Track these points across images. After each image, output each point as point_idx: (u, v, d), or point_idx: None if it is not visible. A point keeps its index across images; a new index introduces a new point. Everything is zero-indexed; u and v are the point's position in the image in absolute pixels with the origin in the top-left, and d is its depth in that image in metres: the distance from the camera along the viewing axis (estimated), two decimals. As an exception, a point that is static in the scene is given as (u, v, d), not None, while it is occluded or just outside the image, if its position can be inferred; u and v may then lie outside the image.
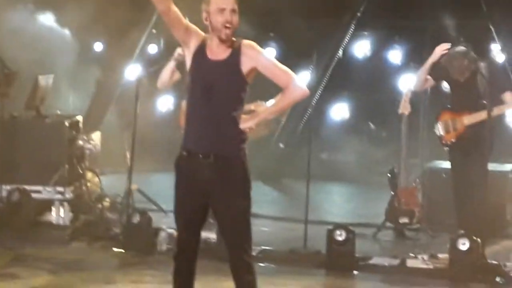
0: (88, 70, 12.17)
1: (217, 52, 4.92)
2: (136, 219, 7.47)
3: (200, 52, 4.94)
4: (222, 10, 4.88)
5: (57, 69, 10.38)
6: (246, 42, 4.95)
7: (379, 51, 12.48)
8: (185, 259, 5.03)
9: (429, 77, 7.90)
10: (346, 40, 12.45)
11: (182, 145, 5.03)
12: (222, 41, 4.90)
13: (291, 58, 12.21)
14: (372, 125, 12.58)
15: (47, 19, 11.65)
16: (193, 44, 4.97)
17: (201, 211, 5.00)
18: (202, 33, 5.01)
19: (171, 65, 7.67)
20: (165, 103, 12.17)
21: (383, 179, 8.73)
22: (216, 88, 4.85)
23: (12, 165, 8.38)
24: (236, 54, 4.88)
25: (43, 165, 8.47)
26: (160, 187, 9.86)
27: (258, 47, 4.95)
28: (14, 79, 8.26)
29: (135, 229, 7.48)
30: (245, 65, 4.87)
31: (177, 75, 7.71)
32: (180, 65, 7.48)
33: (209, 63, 4.91)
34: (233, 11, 4.90)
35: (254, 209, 4.99)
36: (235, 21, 4.91)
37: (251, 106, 5.28)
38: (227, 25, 4.85)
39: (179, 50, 7.35)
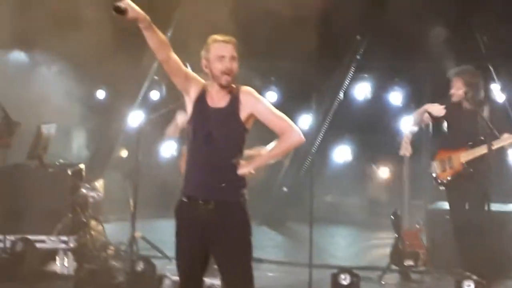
0: (91, 117, 12.22)
1: (217, 99, 4.96)
2: (140, 266, 7.45)
3: (200, 99, 4.99)
4: (221, 58, 4.93)
5: (59, 118, 10.42)
6: (244, 88, 5.00)
7: (380, 93, 12.51)
8: None
9: (426, 114, 7.94)
10: (346, 82, 12.50)
11: (182, 191, 5.06)
12: (222, 87, 4.94)
13: (292, 101, 12.30)
14: (374, 167, 12.57)
15: (49, 68, 11.73)
16: (193, 92, 5.02)
17: (203, 258, 5.00)
18: (202, 81, 5.06)
19: (173, 125, 7.79)
20: (168, 149, 12.19)
21: (387, 221, 8.70)
22: (216, 135, 4.90)
23: (15, 214, 8.37)
24: (235, 101, 4.93)
25: (47, 214, 8.47)
26: (164, 234, 9.83)
27: (256, 94, 5.00)
28: (16, 129, 8.29)
29: (140, 277, 7.45)
30: (244, 112, 4.92)
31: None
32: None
33: (209, 110, 4.95)
34: (232, 58, 4.96)
35: (259, 254, 5.02)
36: (235, 68, 4.96)
37: (251, 152, 5.31)
38: (227, 72, 4.90)
39: (180, 117, 7.51)
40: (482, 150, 7.53)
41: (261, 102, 4.98)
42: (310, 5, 11.22)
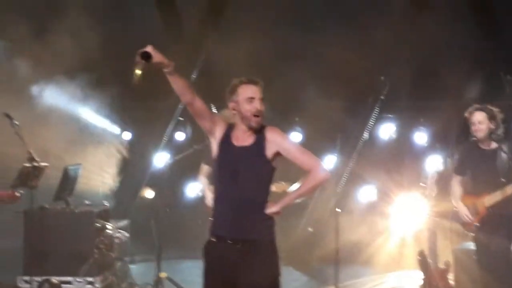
0: (117, 158, 12.30)
1: (243, 139, 5.01)
2: (165, 307, 7.44)
3: (226, 139, 5.03)
4: (251, 99, 4.99)
5: (86, 159, 10.51)
6: (269, 127, 5.03)
7: (405, 133, 12.49)
8: None
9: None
10: (371, 122, 12.50)
11: (210, 231, 5.06)
12: (251, 128, 4.97)
13: (317, 141, 12.30)
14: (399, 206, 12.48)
15: (75, 110, 11.84)
16: (218, 133, 5.06)
17: None
18: (227, 121, 5.10)
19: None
20: (193, 189, 12.22)
21: (414, 261, 8.62)
22: (243, 173, 4.92)
23: (42, 256, 8.42)
24: (260, 139, 4.97)
25: (73, 255, 8.50)
26: (189, 274, 9.81)
27: (281, 132, 5.03)
28: (42, 172, 8.36)
29: (165, 318, 7.43)
30: (270, 150, 4.95)
31: None
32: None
33: (235, 150, 4.99)
34: (261, 99, 4.99)
35: (285, 295, 4.98)
36: (263, 110, 5.02)
37: (272, 187, 5.33)
38: (257, 113, 4.93)
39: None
40: (504, 192, 7.47)
41: (287, 140, 5.02)
42: (334, 45, 11.31)
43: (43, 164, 8.29)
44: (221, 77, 5.62)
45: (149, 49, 4.75)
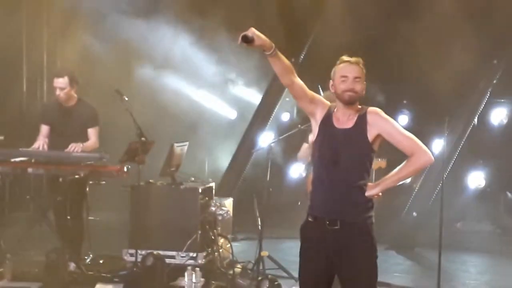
0: (224, 137, 12.45)
1: (343, 121, 4.96)
2: (266, 285, 7.48)
3: (327, 121, 5.00)
4: (345, 78, 4.94)
5: (193, 138, 10.66)
6: (371, 109, 4.97)
7: (517, 119, 12.18)
8: None
9: None
10: (481, 107, 12.22)
11: (308, 212, 5.06)
12: (347, 106, 4.94)
13: (424, 125, 12.11)
14: (510, 194, 12.20)
15: (190, 92, 12.05)
16: (319, 114, 5.04)
17: (326, 278, 4.98)
18: (328, 103, 5.08)
19: (304, 148, 7.88)
20: (296, 170, 12.25)
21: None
22: (343, 156, 4.89)
23: (146, 230, 8.58)
24: (362, 122, 4.91)
25: (177, 231, 8.63)
26: (290, 254, 9.84)
27: (383, 114, 4.96)
28: (150, 147, 8.51)
29: (265, 296, 7.48)
30: (371, 133, 4.89)
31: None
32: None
33: (336, 131, 4.95)
34: (355, 78, 4.95)
35: (386, 278, 4.96)
36: (359, 88, 4.97)
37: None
38: (349, 93, 4.91)
39: (311, 139, 7.58)
40: None
41: (389, 122, 4.94)
42: (446, 30, 11.09)
43: (150, 140, 8.43)
44: (329, 58, 5.55)
45: (250, 32, 4.76)
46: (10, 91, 11.04)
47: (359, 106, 5.01)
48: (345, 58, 5.04)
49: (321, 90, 7.26)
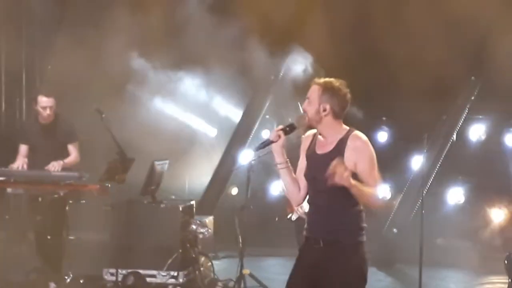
0: (204, 155, 12.43)
1: (324, 145, 4.96)
2: (247, 304, 7.46)
3: (310, 148, 5.07)
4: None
5: (172, 155, 10.64)
6: (354, 135, 4.93)
7: (494, 135, 12.25)
8: None
9: None
10: (459, 123, 12.30)
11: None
12: (320, 131, 5.01)
13: (404, 141, 12.17)
14: (488, 210, 12.25)
15: (165, 107, 12.02)
16: (303, 147, 5.09)
17: None
18: (310, 132, 5.11)
19: None
20: (277, 187, 12.25)
21: (500, 266, 8.44)
22: (319, 180, 4.85)
23: (127, 249, 8.54)
24: (341, 146, 4.88)
25: (158, 250, 8.61)
26: (271, 272, 9.84)
27: (364, 145, 4.90)
28: (130, 165, 8.49)
29: (247, 315, 7.45)
30: (349, 159, 4.83)
31: None
32: None
33: (316, 157, 4.98)
34: (307, 98, 4.98)
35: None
36: (306, 109, 4.97)
37: None
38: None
39: None
40: None
41: (365, 157, 4.86)
42: (424, 46, 11.17)
43: (131, 158, 8.41)
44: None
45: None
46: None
47: (345, 128, 4.98)
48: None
49: (300, 106, 7.27)
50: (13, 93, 11.64)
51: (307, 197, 5.16)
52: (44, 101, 8.61)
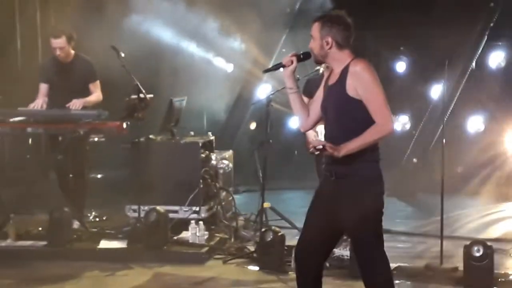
0: (222, 91, 12.39)
1: (333, 76, 5.03)
2: (269, 237, 7.51)
3: (326, 80, 5.12)
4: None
5: (191, 91, 10.61)
6: (355, 61, 4.92)
7: (514, 61, 12.13)
8: (309, 274, 5.08)
9: None
10: (479, 51, 12.17)
11: None
12: (327, 65, 5.18)
13: (422, 71, 12.06)
14: (507, 137, 12.17)
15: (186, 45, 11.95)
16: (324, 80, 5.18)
17: (328, 230, 5.00)
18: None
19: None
20: (296, 121, 12.22)
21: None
22: (330, 112, 4.97)
23: (148, 186, 8.58)
24: (343, 75, 4.89)
25: (178, 186, 8.65)
26: (292, 205, 9.90)
27: (363, 71, 4.85)
28: (149, 104, 8.47)
29: (269, 247, 7.51)
30: (350, 86, 4.85)
31: None
32: None
33: (326, 89, 5.06)
34: (311, 36, 5.01)
35: (389, 225, 4.95)
36: (311, 46, 5.02)
37: None
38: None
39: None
40: None
41: (365, 82, 4.81)
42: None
43: (149, 96, 8.39)
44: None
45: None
46: (4, 51, 10.96)
47: (349, 56, 4.95)
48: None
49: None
50: (29, 32, 11.58)
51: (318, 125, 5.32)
52: (54, 42, 8.62)
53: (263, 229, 7.88)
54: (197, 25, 11.59)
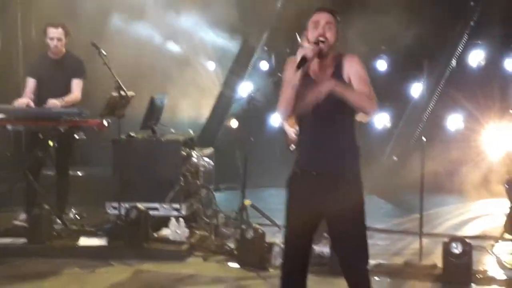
0: (203, 89, 12.40)
1: (320, 72, 4.86)
2: (250, 234, 7.53)
3: (304, 76, 4.77)
4: (316, 24, 4.82)
5: (172, 89, 10.62)
6: (349, 55, 4.85)
7: (494, 60, 12.20)
8: (295, 273, 5.08)
9: None
10: (459, 49, 12.25)
11: (296, 163, 5.02)
12: (320, 57, 4.78)
13: (403, 69, 12.13)
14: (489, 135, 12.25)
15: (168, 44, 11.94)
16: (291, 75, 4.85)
17: (311, 224, 4.98)
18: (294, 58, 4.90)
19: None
20: (277, 118, 12.25)
21: (501, 190, 8.50)
22: (325, 105, 4.71)
23: (130, 183, 8.57)
24: (339, 69, 4.79)
25: (159, 183, 8.66)
26: (272, 202, 9.92)
27: (357, 64, 4.80)
28: (129, 101, 8.47)
29: (249, 244, 7.53)
30: (346, 77, 4.78)
31: None
32: None
33: (314, 83, 4.78)
34: (327, 23, 4.80)
35: (369, 222, 4.95)
36: (329, 35, 4.77)
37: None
38: (321, 38, 4.75)
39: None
40: None
41: (361, 68, 4.79)
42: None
43: (130, 93, 8.38)
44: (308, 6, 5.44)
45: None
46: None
47: (338, 53, 4.84)
48: (320, 7, 4.90)
49: (298, 37, 7.17)
50: (10, 30, 11.52)
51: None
52: (52, 32, 8.57)
53: (243, 226, 7.90)
54: (177, 22, 11.61)
